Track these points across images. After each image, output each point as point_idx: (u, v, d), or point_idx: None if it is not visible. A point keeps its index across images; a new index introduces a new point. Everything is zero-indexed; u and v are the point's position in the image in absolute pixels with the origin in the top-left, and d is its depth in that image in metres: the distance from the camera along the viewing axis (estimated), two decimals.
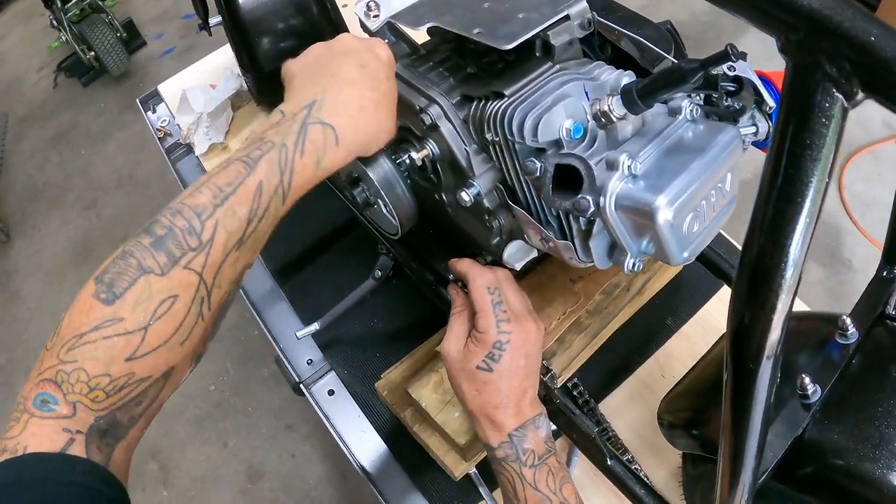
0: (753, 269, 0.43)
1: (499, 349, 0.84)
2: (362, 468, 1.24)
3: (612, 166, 0.68)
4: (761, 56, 0.70)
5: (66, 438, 0.57)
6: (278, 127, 0.71)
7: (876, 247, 2.77)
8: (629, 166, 0.68)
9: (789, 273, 0.41)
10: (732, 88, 0.72)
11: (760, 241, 0.41)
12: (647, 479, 1.16)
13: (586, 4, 0.81)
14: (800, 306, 1.31)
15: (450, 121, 0.85)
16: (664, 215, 0.65)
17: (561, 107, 0.73)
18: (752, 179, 0.78)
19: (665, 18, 0.95)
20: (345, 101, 0.75)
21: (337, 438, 1.28)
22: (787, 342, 0.89)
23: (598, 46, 0.92)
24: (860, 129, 3.14)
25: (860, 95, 0.36)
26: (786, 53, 0.37)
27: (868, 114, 3.16)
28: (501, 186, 0.83)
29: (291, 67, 0.81)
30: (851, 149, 3.08)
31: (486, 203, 0.85)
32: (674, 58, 0.85)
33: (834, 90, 0.36)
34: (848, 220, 2.90)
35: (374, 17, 0.94)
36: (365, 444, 1.27)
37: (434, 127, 0.86)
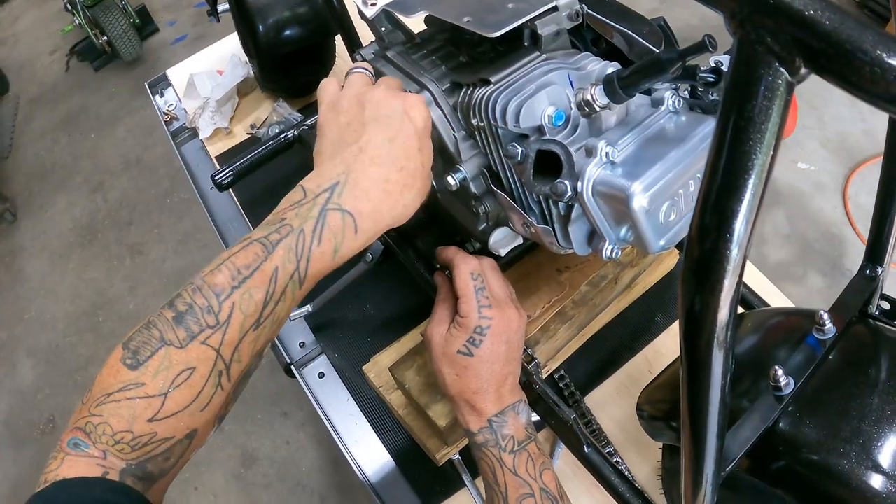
0: (700, 247, 0.43)
1: (479, 334, 0.85)
2: (348, 451, 1.25)
3: (590, 153, 0.70)
4: None
5: (101, 471, 0.61)
6: (299, 208, 0.71)
7: None
8: (607, 153, 0.69)
9: (734, 251, 0.42)
10: (711, 79, 0.73)
11: (706, 220, 0.42)
12: (629, 472, 1.17)
13: None
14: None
15: (439, 107, 0.86)
16: (639, 201, 0.66)
17: (544, 94, 0.74)
18: None
19: (676, 22, 0.95)
20: (367, 185, 0.72)
21: (325, 420, 1.30)
22: (764, 337, 0.91)
23: (591, 41, 0.93)
24: (867, 140, 3.14)
25: (803, 70, 0.37)
26: (731, 28, 0.39)
27: (875, 125, 3.16)
28: (487, 172, 0.84)
29: (324, 125, 0.79)
30: (857, 160, 3.08)
31: (473, 188, 0.86)
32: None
33: (777, 65, 0.37)
34: (851, 231, 2.90)
35: (372, 5, 0.95)
36: (352, 428, 1.28)
37: None
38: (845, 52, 0.35)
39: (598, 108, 0.73)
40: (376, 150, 0.73)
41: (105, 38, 4.31)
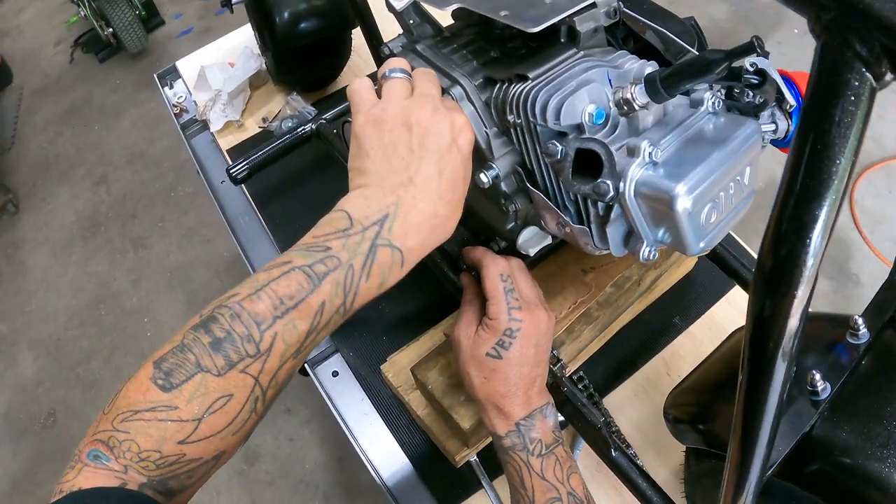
0: (775, 254, 0.43)
1: (509, 336, 0.84)
2: (363, 451, 1.24)
3: (632, 153, 0.68)
4: (778, 61, 0.71)
5: (119, 483, 0.60)
6: (345, 238, 0.69)
7: (885, 263, 2.77)
8: (650, 153, 0.68)
9: (811, 261, 0.41)
10: (755, 81, 0.72)
11: (783, 227, 0.41)
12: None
13: None
14: None
15: (472, 102, 0.85)
16: (683, 203, 0.65)
17: (584, 92, 0.73)
18: (764, 189, 0.78)
19: (695, 16, 0.95)
20: (417, 220, 0.71)
21: (339, 419, 1.28)
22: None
23: (622, 38, 0.92)
24: (874, 145, 3.13)
25: (889, 76, 0.36)
26: (815, 32, 0.38)
27: (882, 130, 3.15)
28: (520, 169, 0.83)
29: (364, 140, 0.75)
30: (864, 164, 3.08)
31: (504, 186, 0.85)
32: (697, 52, 0.85)
33: (864, 70, 0.36)
34: (857, 235, 2.90)
35: None
36: (367, 428, 1.27)
37: None
38: None
39: (637, 108, 0.72)
40: (426, 184, 0.72)
41: (110, 29, 4.29)
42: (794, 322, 0.46)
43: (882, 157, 3.07)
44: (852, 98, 0.37)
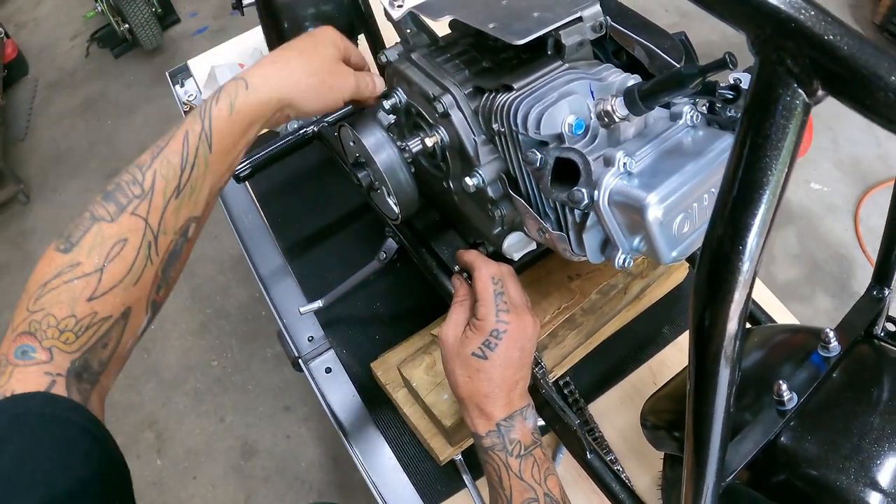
0: (713, 260, 0.45)
1: (495, 338, 0.86)
2: (352, 447, 1.26)
3: (608, 162, 0.71)
4: None
5: (48, 381, 0.63)
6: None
7: None
8: (625, 163, 0.70)
9: (746, 265, 0.43)
10: (730, 96, 0.74)
11: (720, 232, 0.44)
12: (629, 480, 1.18)
13: (599, 8, 0.83)
14: None
15: (461, 110, 0.88)
16: (654, 212, 0.68)
17: (565, 103, 0.76)
18: None
19: (696, 38, 0.97)
20: (264, 63, 0.84)
21: (329, 415, 1.31)
22: (770, 353, 0.92)
23: (612, 52, 0.94)
24: (880, 164, 3.14)
25: (821, 93, 0.38)
26: (754, 49, 0.40)
27: (889, 149, 3.16)
28: (504, 176, 0.86)
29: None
30: (870, 183, 3.08)
31: (490, 192, 0.88)
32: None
33: (796, 86, 0.38)
34: (861, 254, 2.90)
35: (398, 6, 0.97)
36: (357, 424, 1.29)
37: (446, 115, 0.88)
38: (862, 76, 0.36)
39: (617, 119, 0.74)
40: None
41: (127, 25, 4.32)
42: (733, 325, 0.48)
43: (888, 177, 3.07)
44: (785, 113, 0.39)
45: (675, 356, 1.33)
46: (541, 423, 0.95)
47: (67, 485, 0.59)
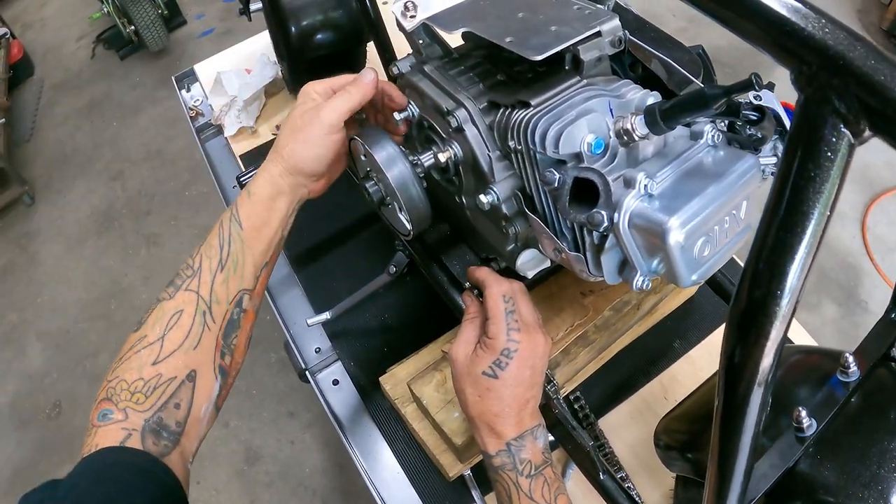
0: (750, 295, 0.43)
1: (506, 357, 0.85)
2: (359, 460, 1.25)
3: (629, 184, 0.69)
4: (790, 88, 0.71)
5: (124, 435, 0.73)
6: None
7: None
8: (646, 185, 0.68)
9: (785, 302, 0.42)
10: (754, 117, 0.73)
11: (759, 268, 0.42)
12: (639, 498, 1.17)
13: (618, 23, 0.82)
14: (807, 342, 1.31)
15: (475, 125, 0.86)
16: (675, 237, 0.66)
17: (584, 121, 0.74)
18: None
19: (704, 43, 0.95)
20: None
21: (337, 427, 1.29)
22: (788, 375, 0.90)
23: (629, 66, 0.93)
24: (888, 172, 3.12)
25: (867, 133, 0.37)
26: (798, 85, 0.38)
27: None
28: (520, 194, 0.84)
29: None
30: (878, 190, 3.06)
31: (504, 209, 0.86)
32: (701, 82, 0.86)
33: (842, 126, 0.37)
34: (868, 262, 2.88)
35: (411, 17, 0.95)
36: (364, 437, 1.28)
37: (460, 130, 0.87)
38: None
39: (637, 138, 0.73)
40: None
41: (133, 27, 4.32)
42: (767, 362, 0.46)
43: None
44: (829, 154, 0.38)
45: (685, 371, 1.32)
46: (550, 438, 0.94)
47: None
